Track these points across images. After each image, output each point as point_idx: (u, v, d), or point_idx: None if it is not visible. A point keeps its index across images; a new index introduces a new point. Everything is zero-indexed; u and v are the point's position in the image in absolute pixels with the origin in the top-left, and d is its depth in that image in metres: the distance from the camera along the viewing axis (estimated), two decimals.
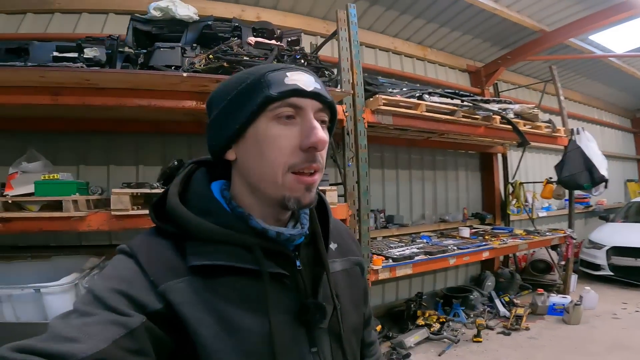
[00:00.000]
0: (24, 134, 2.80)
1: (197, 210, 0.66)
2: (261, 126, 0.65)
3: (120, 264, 0.63)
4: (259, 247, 0.65)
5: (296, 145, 0.64)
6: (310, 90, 0.65)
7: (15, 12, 2.95)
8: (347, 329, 0.74)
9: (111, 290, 0.57)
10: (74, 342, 0.50)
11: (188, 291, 0.61)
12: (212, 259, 0.62)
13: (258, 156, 0.66)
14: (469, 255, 3.23)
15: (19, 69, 1.96)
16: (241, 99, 0.66)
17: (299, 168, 0.65)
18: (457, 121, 3.17)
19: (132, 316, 0.55)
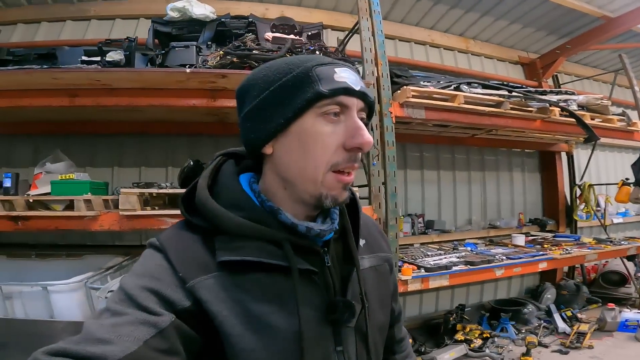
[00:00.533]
0: (61, 137, 2.94)
1: (227, 204, 0.65)
2: (307, 122, 0.64)
3: (150, 259, 0.64)
4: (288, 242, 0.65)
5: (340, 143, 0.64)
6: (358, 90, 0.64)
7: (56, 19, 3.12)
8: (373, 328, 0.73)
9: (142, 288, 0.58)
10: (106, 343, 0.51)
11: (216, 288, 0.61)
12: (241, 255, 0.62)
13: (300, 152, 0.64)
14: (521, 266, 2.80)
15: (34, 71, 2.00)
16: (286, 91, 0.64)
17: (342, 167, 0.64)
18: (505, 114, 2.77)
19: (162, 315, 0.56)
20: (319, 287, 0.67)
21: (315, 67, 0.64)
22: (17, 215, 2.01)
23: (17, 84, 2.06)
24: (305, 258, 0.66)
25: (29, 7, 3.10)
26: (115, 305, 0.57)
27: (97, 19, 3.16)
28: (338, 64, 0.66)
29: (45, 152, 2.64)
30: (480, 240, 3.57)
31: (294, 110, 0.63)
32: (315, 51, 2.28)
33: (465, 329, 2.96)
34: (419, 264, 2.58)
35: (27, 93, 2.11)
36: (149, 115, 2.77)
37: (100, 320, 0.56)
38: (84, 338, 0.53)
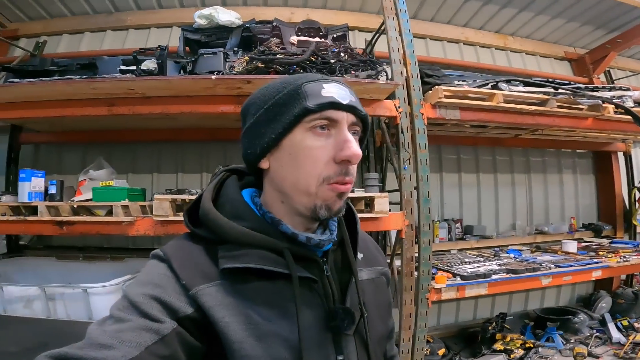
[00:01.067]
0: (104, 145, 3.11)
1: (230, 215, 0.68)
2: (297, 137, 0.66)
3: (154, 269, 0.65)
4: (289, 251, 0.66)
5: (330, 157, 0.65)
6: (346, 104, 0.66)
7: (98, 30, 3.31)
8: (373, 338, 0.74)
9: (145, 296, 0.59)
10: (108, 349, 0.52)
11: (219, 295, 0.62)
12: (244, 262, 0.63)
13: (293, 166, 0.67)
14: (572, 274, 2.59)
15: (73, 81, 2.12)
16: (278, 108, 0.67)
17: (333, 180, 0.65)
18: (551, 113, 2.58)
19: (164, 322, 0.57)
20: (318, 296, 0.69)
21: (304, 84, 0.66)
22: (61, 220, 2.14)
23: (60, 94, 2.19)
24: (305, 267, 0.68)
25: (72, 18, 3.30)
26: (118, 312, 0.59)
27: (134, 29, 3.31)
28: (327, 80, 0.68)
29: (90, 160, 2.81)
30: (526, 247, 3.35)
31: (284, 126, 0.65)
32: (340, 53, 2.25)
33: (505, 339, 2.78)
34: (454, 272, 2.45)
35: (70, 103, 2.24)
36: (184, 123, 2.87)
37: (103, 326, 0.57)
38: (87, 343, 0.54)
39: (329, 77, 0.71)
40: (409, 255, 2.26)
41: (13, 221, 2.15)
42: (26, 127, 2.99)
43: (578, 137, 3.51)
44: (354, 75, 2.24)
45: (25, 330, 1.83)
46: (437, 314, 3.31)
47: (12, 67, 2.49)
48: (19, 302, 1.96)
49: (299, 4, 3.35)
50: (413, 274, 2.26)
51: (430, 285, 2.28)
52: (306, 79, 0.68)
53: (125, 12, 3.28)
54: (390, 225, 2.27)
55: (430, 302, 2.27)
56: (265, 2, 3.32)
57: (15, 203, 2.18)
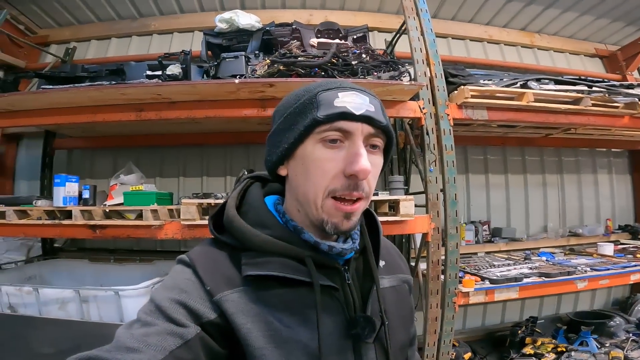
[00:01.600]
0: (134, 150, 3.20)
1: (253, 223, 0.69)
2: (308, 148, 0.65)
3: (180, 274, 0.67)
4: (311, 259, 0.67)
5: (340, 170, 0.64)
6: (360, 114, 0.63)
7: (124, 35, 3.41)
8: (395, 346, 0.73)
9: (171, 301, 0.61)
10: (135, 352, 0.54)
11: (241, 301, 0.63)
12: (266, 270, 0.64)
13: (303, 176, 0.67)
14: (610, 278, 2.49)
15: (104, 87, 2.18)
16: (294, 117, 0.67)
17: (340, 194, 0.64)
18: (585, 111, 2.48)
19: (188, 327, 0.59)
20: (339, 304, 0.69)
21: (320, 92, 0.65)
22: (94, 224, 2.20)
23: (91, 100, 2.26)
24: (327, 275, 0.68)
25: (99, 24, 3.42)
26: (145, 316, 0.60)
27: (158, 34, 3.41)
28: (345, 89, 0.66)
29: (121, 164, 2.90)
30: (558, 250, 3.22)
31: (295, 136, 0.65)
32: (361, 54, 2.23)
33: (535, 343, 2.69)
34: (482, 275, 2.39)
35: (100, 109, 2.31)
36: (208, 127, 2.92)
37: (131, 330, 0.59)
38: (115, 346, 0.56)
39: (349, 84, 0.68)
40: (435, 259, 2.22)
41: (49, 225, 2.23)
42: (59, 133, 3.12)
43: (613, 136, 3.36)
44: (377, 76, 2.21)
45: (60, 332, 1.89)
46: (463, 317, 3.24)
47: (44, 74, 2.59)
48: (54, 304, 2.03)
49: (316, 5, 3.36)
50: (439, 278, 2.22)
51: (457, 289, 2.23)
52: (323, 87, 0.67)
53: (149, 17, 3.38)
54: (416, 229, 2.24)
55: (457, 306, 2.22)
56: (283, 4, 3.35)
57: (50, 207, 2.27)
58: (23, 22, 3.27)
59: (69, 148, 3.26)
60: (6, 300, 2.07)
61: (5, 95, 2.33)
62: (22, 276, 2.51)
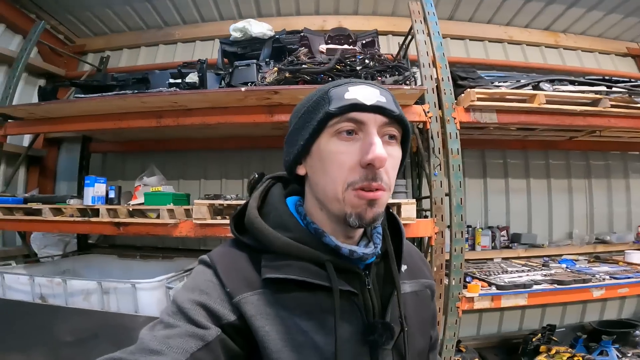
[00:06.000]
0: (160, 153, 3.43)
1: (275, 224, 0.69)
2: (322, 142, 0.67)
3: (201, 275, 0.68)
4: (331, 263, 0.67)
5: (357, 161, 0.64)
6: (371, 104, 0.64)
7: (151, 44, 3.67)
8: (412, 353, 0.73)
9: (192, 302, 0.62)
10: (157, 354, 0.56)
11: (260, 304, 0.63)
12: (286, 273, 0.64)
13: (321, 172, 0.67)
14: (630, 286, 2.39)
15: (127, 96, 2.39)
16: (308, 115, 0.69)
17: (359, 186, 0.64)
18: (604, 113, 2.39)
19: (209, 328, 0.60)
20: (358, 309, 0.68)
21: (330, 89, 0.68)
22: (118, 221, 2.42)
23: (117, 107, 2.48)
24: (346, 279, 0.68)
25: (130, 33, 3.70)
26: (168, 317, 0.62)
27: (182, 42, 3.64)
28: (354, 83, 0.68)
29: (148, 167, 3.12)
30: (583, 257, 3.10)
31: (310, 132, 0.67)
32: (365, 59, 2.29)
33: (550, 351, 2.61)
34: (490, 281, 2.36)
35: (125, 116, 2.53)
36: (226, 132, 3.09)
37: (153, 331, 0.60)
38: (139, 348, 0.58)
39: (360, 80, 0.70)
40: (438, 263, 2.24)
41: (79, 222, 2.47)
42: (95, 137, 3.41)
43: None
44: (381, 81, 2.27)
45: (81, 321, 2.10)
46: (478, 323, 3.20)
47: (79, 83, 2.86)
48: (79, 295, 2.24)
49: (330, 11, 3.45)
50: (442, 282, 2.23)
51: (462, 294, 2.22)
52: (334, 84, 0.69)
53: (173, 26, 3.62)
54: (419, 232, 2.26)
55: (461, 311, 2.22)
56: (297, 11, 3.46)
57: (81, 206, 2.51)
58: (62, 31, 3.61)
59: (103, 151, 3.55)
60: (38, 291, 2.31)
61: (43, 103, 2.61)
62: (57, 269, 2.77)
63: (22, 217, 2.58)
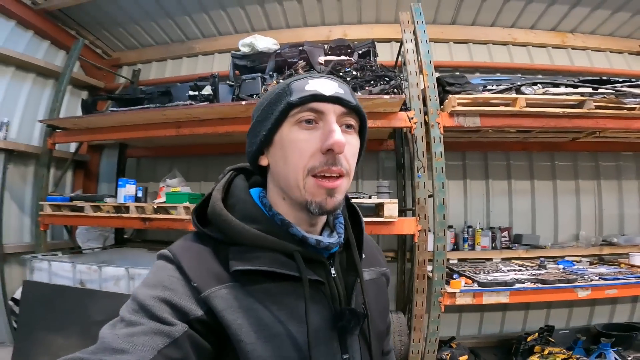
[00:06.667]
0: (185, 157, 3.87)
1: (241, 216, 0.70)
2: (284, 132, 0.69)
3: (162, 271, 0.67)
4: (299, 254, 0.69)
5: (317, 148, 0.67)
6: (330, 95, 0.68)
7: (176, 57, 4.14)
8: (374, 337, 0.77)
9: (155, 299, 0.61)
10: (122, 353, 0.54)
11: (230, 297, 0.64)
12: (255, 264, 0.66)
13: (283, 160, 0.70)
14: (619, 288, 2.44)
15: (150, 110, 2.82)
16: (270, 107, 0.71)
17: (319, 171, 0.67)
18: (592, 114, 2.47)
19: (176, 325, 0.59)
20: (325, 297, 0.71)
21: (292, 82, 0.71)
22: (144, 217, 2.85)
23: (143, 119, 2.95)
24: (312, 269, 0.70)
25: (157, 47, 4.17)
26: (129, 315, 0.60)
27: (202, 55, 4.07)
28: (315, 77, 0.72)
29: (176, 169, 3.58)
30: (587, 259, 3.12)
31: (272, 122, 0.69)
32: (352, 71, 2.53)
33: (543, 352, 2.71)
34: (474, 278, 2.52)
35: (150, 126, 2.98)
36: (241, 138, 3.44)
37: (114, 330, 0.59)
38: (100, 348, 0.56)
39: (319, 74, 0.74)
40: (421, 259, 2.44)
41: (114, 217, 2.94)
42: (130, 144, 3.92)
43: None
44: (368, 91, 2.51)
45: (110, 303, 2.51)
46: (479, 322, 3.32)
47: (114, 96, 3.36)
48: (111, 281, 2.68)
49: (335, 21, 3.70)
50: (425, 277, 2.43)
51: (444, 289, 2.41)
52: (295, 78, 0.72)
53: (194, 40, 4.05)
54: (403, 230, 2.48)
55: (444, 306, 2.40)
56: (305, 22, 3.74)
57: (115, 204, 2.97)
58: (100, 46, 4.18)
59: (137, 156, 4.07)
60: (78, 277, 2.78)
61: (85, 116, 3.12)
62: (97, 260, 3.22)
63: (68, 213, 3.10)
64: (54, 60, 3.72)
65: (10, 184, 3.32)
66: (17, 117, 3.42)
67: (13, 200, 3.37)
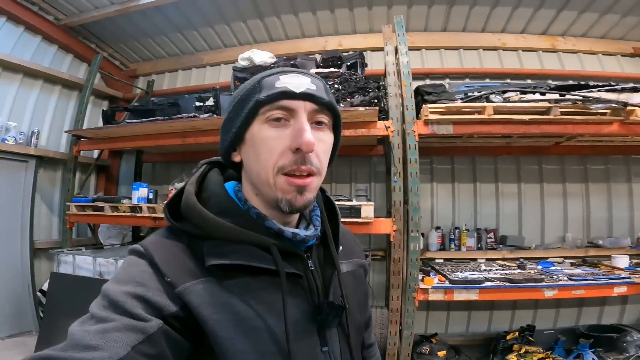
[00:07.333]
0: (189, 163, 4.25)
1: (215, 210, 0.69)
2: (255, 129, 0.70)
3: (134, 266, 0.66)
4: (276, 247, 0.69)
5: (287, 146, 0.67)
6: (300, 92, 0.68)
7: (186, 68, 4.55)
8: (352, 329, 0.78)
9: (126, 294, 0.60)
10: (94, 349, 0.53)
11: (206, 292, 0.63)
12: (231, 259, 0.65)
13: (254, 158, 0.70)
14: (586, 288, 2.58)
15: (159, 122, 3.21)
16: (240, 104, 0.72)
17: (288, 170, 0.67)
18: (560, 120, 2.63)
19: (150, 321, 0.58)
20: (303, 290, 0.71)
21: (263, 78, 0.71)
22: (155, 216, 3.24)
23: (153, 130, 3.36)
24: (290, 262, 0.71)
25: (169, 59, 4.59)
26: (99, 311, 0.59)
27: (210, 66, 4.44)
28: (286, 72, 0.71)
29: (187, 174, 3.96)
30: (572, 260, 3.25)
31: (242, 120, 0.70)
32: (334, 85, 2.79)
33: (520, 350, 2.87)
34: (447, 276, 2.73)
35: (160, 136, 3.38)
36: None
37: (84, 327, 0.57)
38: (71, 345, 0.54)
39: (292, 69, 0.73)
40: (396, 257, 2.69)
41: (129, 216, 3.35)
42: (145, 151, 4.34)
43: None
44: (349, 102, 2.77)
45: None
46: (467, 321, 3.51)
47: (129, 108, 3.79)
48: None
49: (331, 32, 3.97)
50: (400, 274, 2.67)
51: (417, 285, 2.64)
52: (267, 73, 0.72)
53: (202, 52, 4.44)
54: (380, 229, 2.74)
55: (417, 302, 2.63)
56: (303, 34, 4.04)
57: (130, 204, 3.37)
58: (118, 58, 4.65)
59: (153, 162, 4.52)
60: (98, 269, 3.20)
61: (104, 127, 3.57)
62: (116, 255, 3.64)
63: (91, 212, 3.54)
64: (77, 73, 4.20)
65: (40, 187, 3.80)
66: (46, 126, 3.90)
67: (43, 202, 3.86)
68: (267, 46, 3.91)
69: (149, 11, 3.77)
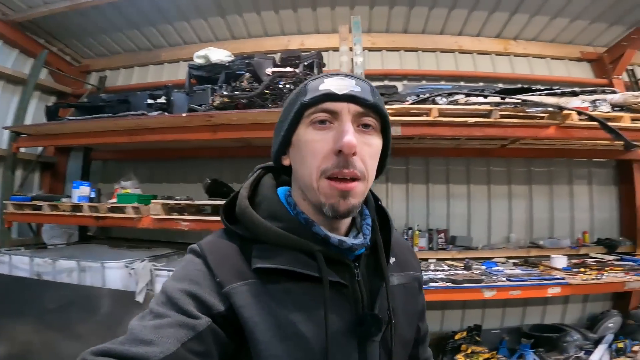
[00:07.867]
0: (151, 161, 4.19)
1: (265, 214, 0.73)
2: (300, 133, 0.73)
3: (191, 264, 0.71)
4: (321, 254, 0.70)
5: (330, 149, 0.68)
6: (343, 93, 0.70)
7: (143, 64, 4.45)
8: (398, 344, 0.77)
9: (182, 292, 0.65)
10: (148, 344, 0.57)
11: (250, 294, 0.66)
12: (276, 263, 0.68)
13: (300, 162, 0.73)
14: (523, 289, 2.71)
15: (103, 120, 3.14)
16: (288, 108, 0.75)
17: (331, 173, 0.68)
18: (497, 123, 2.75)
19: (200, 319, 0.62)
20: (347, 300, 0.72)
21: (308, 82, 0.74)
22: (97, 215, 3.15)
23: (98, 127, 3.28)
24: (336, 270, 0.71)
25: (125, 55, 4.46)
26: (157, 307, 0.64)
27: (168, 62, 4.36)
28: (332, 75, 0.73)
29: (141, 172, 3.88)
30: (514, 260, 3.41)
31: (289, 123, 0.73)
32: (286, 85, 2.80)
33: (467, 350, 2.98)
34: None
35: (105, 133, 3.30)
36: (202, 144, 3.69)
37: (143, 321, 0.63)
38: (129, 339, 0.59)
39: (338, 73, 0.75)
40: None
41: (69, 215, 3.25)
42: (95, 148, 4.21)
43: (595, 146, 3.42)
44: None
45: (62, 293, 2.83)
46: None
47: (75, 105, 3.68)
48: (64, 273, 2.98)
49: (294, 31, 4.00)
50: None
51: None
52: (313, 78, 0.75)
53: (160, 48, 4.35)
54: None
55: None
56: (265, 32, 4.04)
57: (70, 203, 3.26)
58: (69, 53, 4.48)
59: (103, 159, 4.38)
60: (36, 269, 3.08)
61: (45, 123, 3.46)
62: (60, 255, 3.50)
63: (30, 211, 3.40)
64: (23, 68, 4.01)
65: None
66: None
67: None
68: (230, 44, 3.90)
69: (103, 7, 3.67)
